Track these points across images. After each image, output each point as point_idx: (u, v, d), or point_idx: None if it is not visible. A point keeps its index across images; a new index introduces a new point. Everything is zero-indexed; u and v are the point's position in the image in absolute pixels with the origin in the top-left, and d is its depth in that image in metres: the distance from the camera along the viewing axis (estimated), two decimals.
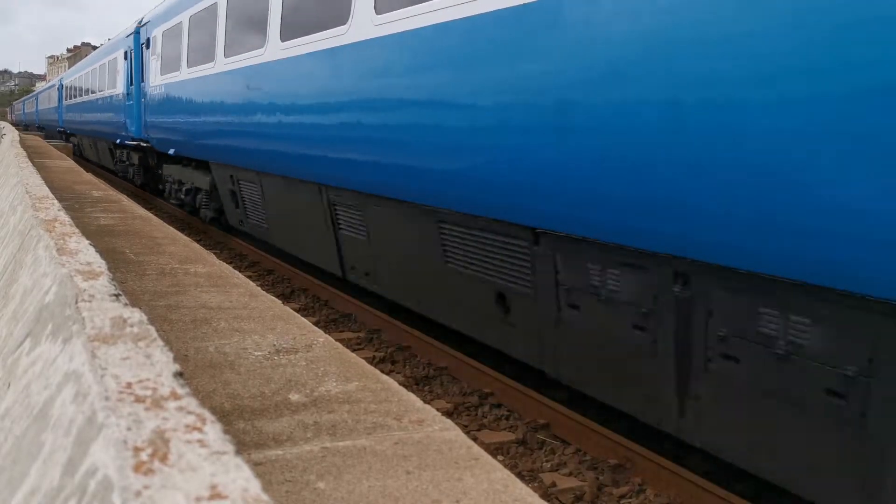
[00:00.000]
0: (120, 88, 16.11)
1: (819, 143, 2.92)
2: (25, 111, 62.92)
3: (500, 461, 3.37)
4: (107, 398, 1.10)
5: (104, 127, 18.45)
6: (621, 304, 4.17)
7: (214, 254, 5.63)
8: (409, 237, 6.20)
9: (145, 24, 13.98)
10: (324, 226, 7.75)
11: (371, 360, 6.26)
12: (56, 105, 32.08)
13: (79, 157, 25.03)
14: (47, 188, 5.49)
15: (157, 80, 12.51)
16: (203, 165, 11.44)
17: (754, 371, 3.48)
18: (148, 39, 13.47)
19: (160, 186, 14.62)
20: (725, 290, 3.57)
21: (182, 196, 12.90)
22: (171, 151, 12.38)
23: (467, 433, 3.78)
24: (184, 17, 11.28)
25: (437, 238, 5.77)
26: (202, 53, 10.32)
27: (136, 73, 14.24)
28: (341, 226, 7.40)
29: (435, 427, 2.37)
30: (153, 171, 15.08)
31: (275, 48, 7.71)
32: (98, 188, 9.78)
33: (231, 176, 10.24)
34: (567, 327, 4.61)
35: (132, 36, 14.90)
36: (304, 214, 8.12)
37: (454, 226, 5.50)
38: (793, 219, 3.03)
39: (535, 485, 4.32)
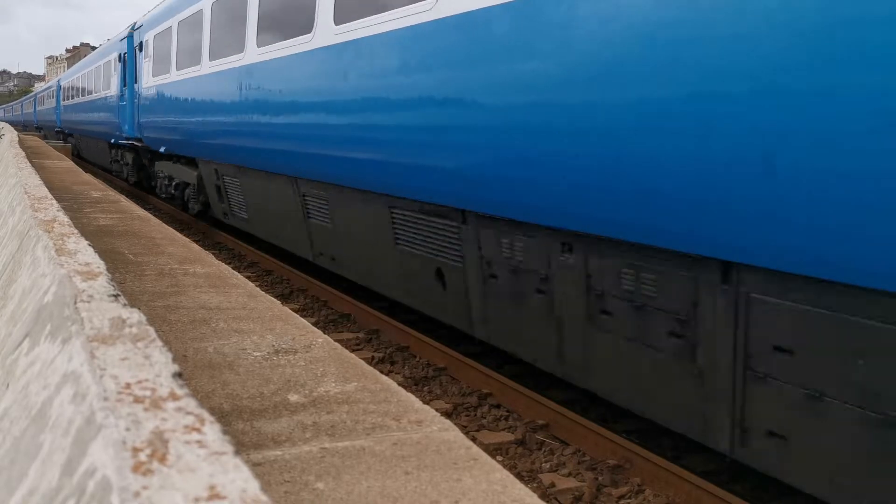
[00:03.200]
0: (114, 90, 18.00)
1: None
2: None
3: (499, 461, 3.37)
4: (105, 398, 1.10)
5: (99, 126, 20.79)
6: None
7: (213, 254, 5.63)
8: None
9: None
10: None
11: (370, 361, 6.26)
12: (52, 107, 37.77)
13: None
14: (46, 189, 5.48)
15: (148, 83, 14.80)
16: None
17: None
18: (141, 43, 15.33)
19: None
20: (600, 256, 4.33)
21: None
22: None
23: (466, 433, 3.78)
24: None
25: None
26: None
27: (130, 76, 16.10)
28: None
29: (434, 427, 2.37)
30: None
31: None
32: (97, 188, 9.78)
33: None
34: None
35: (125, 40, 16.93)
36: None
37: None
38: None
39: (535, 485, 4.32)
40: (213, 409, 2.46)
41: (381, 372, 3.51)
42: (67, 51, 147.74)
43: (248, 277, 7.71)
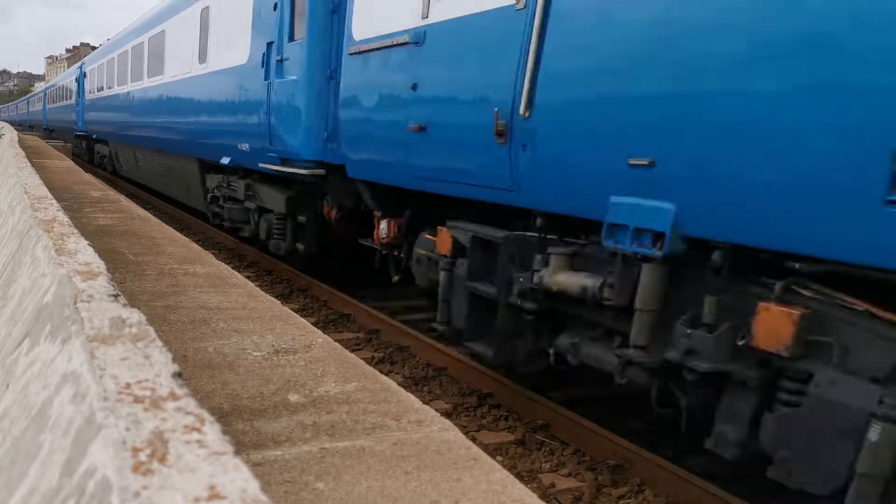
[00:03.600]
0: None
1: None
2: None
3: (498, 462, 3.37)
4: (105, 398, 1.10)
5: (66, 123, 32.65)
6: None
7: (213, 254, 5.63)
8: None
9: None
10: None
11: (370, 361, 6.25)
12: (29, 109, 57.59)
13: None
14: (46, 188, 5.48)
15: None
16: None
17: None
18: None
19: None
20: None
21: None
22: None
23: (466, 434, 3.78)
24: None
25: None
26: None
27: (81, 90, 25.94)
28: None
29: (434, 427, 2.37)
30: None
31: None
32: (97, 188, 9.78)
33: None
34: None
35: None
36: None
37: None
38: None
39: (534, 485, 4.31)
40: (213, 409, 2.46)
41: (381, 372, 3.51)
42: (67, 51, 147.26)
43: (248, 277, 7.70)
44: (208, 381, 2.74)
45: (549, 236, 4.47)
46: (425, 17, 5.32)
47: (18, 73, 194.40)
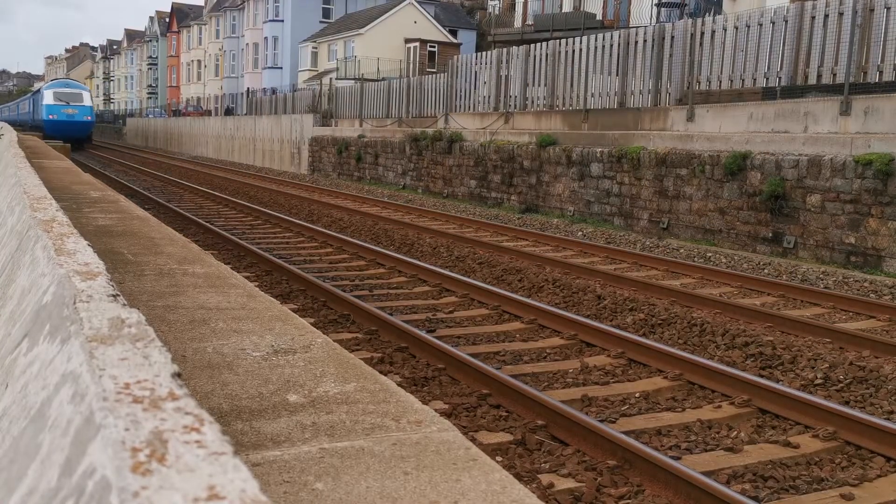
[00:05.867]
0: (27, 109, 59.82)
1: None
2: None
3: (498, 462, 3.37)
4: (105, 399, 1.10)
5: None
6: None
7: (212, 254, 5.62)
8: None
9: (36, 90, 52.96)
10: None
11: (369, 361, 6.25)
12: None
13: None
14: (45, 188, 5.48)
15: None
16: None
17: None
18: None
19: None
20: None
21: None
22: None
23: (465, 434, 3.78)
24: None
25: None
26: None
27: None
28: None
29: (433, 428, 2.37)
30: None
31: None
32: (96, 188, 9.78)
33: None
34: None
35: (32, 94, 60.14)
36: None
37: None
38: None
39: (534, 486, 4.31)
40: (213, 409, 2.46)
41: (381, 372, 3.51)
42: (67, 50, 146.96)
43: (248, 277, 7.71)
44: (207, 381, 2.74)
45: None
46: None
47: (18, 72, 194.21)
